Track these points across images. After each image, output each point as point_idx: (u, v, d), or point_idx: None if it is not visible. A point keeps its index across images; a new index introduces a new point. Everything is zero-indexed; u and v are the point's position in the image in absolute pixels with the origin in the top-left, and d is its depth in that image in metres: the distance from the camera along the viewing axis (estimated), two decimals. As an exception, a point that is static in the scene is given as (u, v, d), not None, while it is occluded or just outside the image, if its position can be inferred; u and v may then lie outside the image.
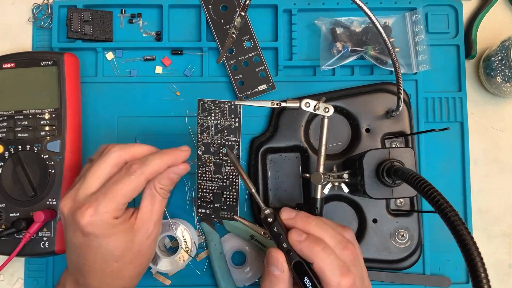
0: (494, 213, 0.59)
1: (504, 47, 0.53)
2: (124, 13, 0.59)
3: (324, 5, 0.59)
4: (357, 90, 0.57)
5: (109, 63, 0.59)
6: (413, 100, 0.58)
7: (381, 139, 0.56)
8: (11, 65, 0.54)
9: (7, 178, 0.52)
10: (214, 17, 0.58)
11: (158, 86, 0.58)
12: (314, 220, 0.41)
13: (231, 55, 0.58)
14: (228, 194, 0.48)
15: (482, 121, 0.60)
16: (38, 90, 0.53)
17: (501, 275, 0.58)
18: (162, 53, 0.59)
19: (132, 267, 0.42)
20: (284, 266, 0.40)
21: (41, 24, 0.59)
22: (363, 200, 0.55)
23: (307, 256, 0.39)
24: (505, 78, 0.54)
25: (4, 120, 0.53)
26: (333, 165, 0.54)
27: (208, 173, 0.48)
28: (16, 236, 0.51)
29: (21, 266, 0.57)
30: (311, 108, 0.46)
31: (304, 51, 0.59)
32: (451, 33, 0.59)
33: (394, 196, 0.46)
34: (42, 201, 0.52)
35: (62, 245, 0.52)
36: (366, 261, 0.55)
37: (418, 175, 0.39)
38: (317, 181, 0.46)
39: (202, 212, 0.50)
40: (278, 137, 0.56)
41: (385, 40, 0.45)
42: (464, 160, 0.58)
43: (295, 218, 0.41)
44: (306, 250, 0.39)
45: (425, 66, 0.57)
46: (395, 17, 0.58)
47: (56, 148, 0.52)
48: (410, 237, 0.55)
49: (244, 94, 0.58)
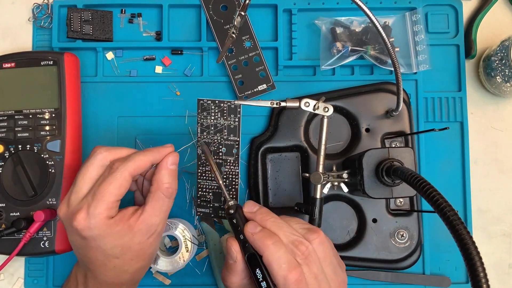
0: (494, 213, 0.58)
1: (504, 47, 0.53)
2: (124, 13, 0.59)
3: (324, 5, 0.59)
4: (357, 90, 0.57)
5: (109, 63, 0.59)
6: (413, 100, 0.58)
7: (381, 139, 0.56)
8: (11, 65, 0.54)
9: (7, 178, 0.52)
10: (214, 17, 0.58)
11: (158, 86, 0.58)
12: (272, 217, 0.42)
13: (231, 54, 0.58)
14: (228, 193, 0.48)
15: (482, 121, 0.60)
16: (38, 90, 0.53)
17: (501, 275, 0.58)
18: (162, 53, 0.59)
19: (134, 263, 0.42)
20: (237, 256, 0.41)
21: (41, 24, 0.59)
22: (363, 200, 0.55)
23: (258, 248, 0.39)
24: (505, 78, 0.54)
25: (4, 120, 0.53)
26: (332, 164, 0.54)
27: (208, 172, 0.49)
28: (16, 236, 0.51)
29: (21, 266, 0.57)
30: (311, 108, 0.46)
31: (304, 51, 0.59)
32: (451, 33, 0.59)
33: (393, 196, 0.46)
34: (42, 201, 0.52)
35: (62, 245, 0.52)
36: (365, 260, 0.55)
37: (417, 174, 0.39)
38: (316, 180, 0.46)
39: (202, 211, 0.50)
40: (278, 137, 0.56)
41: (385, 40, 0.45)
42: (464, 160, 0.58)
43: (255, 213, 0.42)
44: (258, 242, 0.39)
45: (425, 66, 0.57)
46: (395, 17, 0.58)
47: (56, 148, 0.52)
48: (410, 237, 0.55)
49: (244, 94, 0.58)
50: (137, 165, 0.41)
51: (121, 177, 0.40)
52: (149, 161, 0.42)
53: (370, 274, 0.56)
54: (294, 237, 0.40)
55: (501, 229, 0.58)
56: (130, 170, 0.40)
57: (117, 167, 0.40)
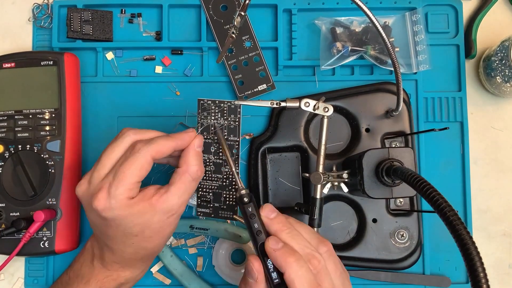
0: (494, 213, 0.58)
1: (504, 47, 0.53)
2: (124, 13, 0.59)
3: (324, 5, 0.59)
4: (357, 90, 0.57)
5: (109, 63, 0.59)
6: (413, 100, 0.58)
7: (381, 139, 0.56)
8: (11, 65, 0.54)
9: (7, 178, 0.52)
10: (214, 17, 0.58)
11: (158, 86, 0.58)
12: (288, 228, 0.41)
13: (231, 55, 0.58)
14: (227, 193, 0.48)
15: (482, 121, 0.60)
16: (38, 90, 0.53)
17: (501, 275, 0.58)
18: (162, 53, 0.59)
19: (152, 240, 0.43)
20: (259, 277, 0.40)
21: (41, 24, 0.59)
22: (363, 200, 0.55)
23: (280, 265, 0.39)
24: (505, 78, 0.54)
25: (4, 120, 0.53)
26: (332, 164, 0.54)
27: (208, 172, 0.48)
28: (16, 236, 0.51)
29: (21, 266, 0.57)
30: (311, 108, 0.46)
31: (304, 51, 0.59)
32: (451, 33, 0.59)
33: (393, 196, 0.46)
34: (42, 201, 0.52)
35: (62, 245, 0.52)
36: (365, 261, 0.55)
37: (417, 174, 0.39)
38: (316, 180, 0.46)
39: (202, 211, 0.50)
40: (278, 137, 0.56)
41: (385, 40, 0.45)
42: (464, 160, 0.58)
43: (273, 220, 0.42)
44: (280, 259, 0.39)
45: (425, 66, 0.57)
46: (395, 17, 0.58)
47: (56, 148, 0.52)
48: (410, 237, 0.55)
49: (244, 94, 0.58)
50: (159, 149, 0.41)
51: (143, 158, 0.40)
52: (172, 146, 0.42)
53: (370, 274, 0.56)
54: (308, 250, 0.40)
55: (501, 229, 0.58)
56: (152, 152, 0.40)
57: (139, 148, 0.40)
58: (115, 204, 0.39)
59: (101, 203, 0.39)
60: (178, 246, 0.57)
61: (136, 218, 0.40)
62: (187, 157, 0.42)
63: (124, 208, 0.39)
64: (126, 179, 0.39)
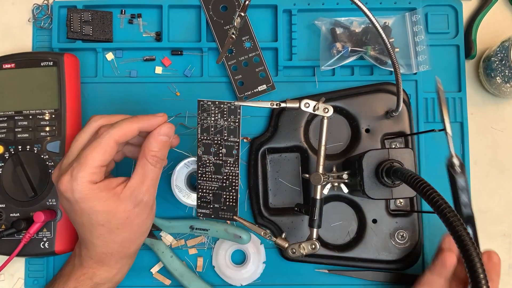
0: (494, 213, 0.58)
1: (504, 47, 0.53)
2: (124, 14, 0.59)
3: (324, 5, 0.59)
4: (357, 90, 0.57)
5: (109, 64, 0.59)
6: (413, 100, 0.58)
7: (381, 140, 0.56)
8: (11, 66, 0.54)
9: (7, 179, 0.52)
10: (214, 18, 0.58)
11: (158, 86, 0.58)
12: None
13: (231, 55, 0.58)
14: (228, 194, 0.48)
15: (482, 121, 0.60)
16: (38, 90, 0.53)
17: (501, 275, 0.58)
18: (162, 53, 0.59)
19: (120, 232, 0.42)
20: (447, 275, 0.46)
21: (41, 25, 0.59)
22: (363, 201, 0.55)
23: None
24: (505, 79, 0.54)
25: (4, 121, 0.53)
26: (332, 165, 0.54)
27: (208, 173, 0.48)
28: (16, 237, 0.51)
29: (22, 266, 0.57)
30: (311, 109, 0.46)
31: (304, 51, 0.59)
32: (451, 33, 0.59)
33: (393, 197, 0.46)
34: (42, 202, 0.52)
35: (62, 246, 0.52)
36: (365, 261, 0.55)
37: (417, 175, 0.39)
38: (316, 181, 0.46)
39: (202, 212, 0.50)
40: (278, 138, 0.56)
41: (385, 41, 0.45)
42: (464, 160, 0.58)
43: None
44: None
45: (425, 66, 0.57)
46: (394, 17, 0.58)
47: (56, 149, 0.53)
48: (409, 237, 0.55)
49: (244, 95, 0.58)
50: (122, 132, 0.41)
51: (105, 143, 0.40)
52: (136, 129, 0.42)
53: (370, 275, 0.56)
54: None
55: (501, 229, 0.58)
56: (115, 136, 0.40)
57: (102, 133, 0.41)
58: (76, 186, 0.39)
59: (63, 184, 0.40)
60: (178, 247, 0.57)
61: (99, 204, 0.40)
62: (146, 143, 0.42)
63: (87, 191, 0.39)
64: (88, 162, 0.39)
